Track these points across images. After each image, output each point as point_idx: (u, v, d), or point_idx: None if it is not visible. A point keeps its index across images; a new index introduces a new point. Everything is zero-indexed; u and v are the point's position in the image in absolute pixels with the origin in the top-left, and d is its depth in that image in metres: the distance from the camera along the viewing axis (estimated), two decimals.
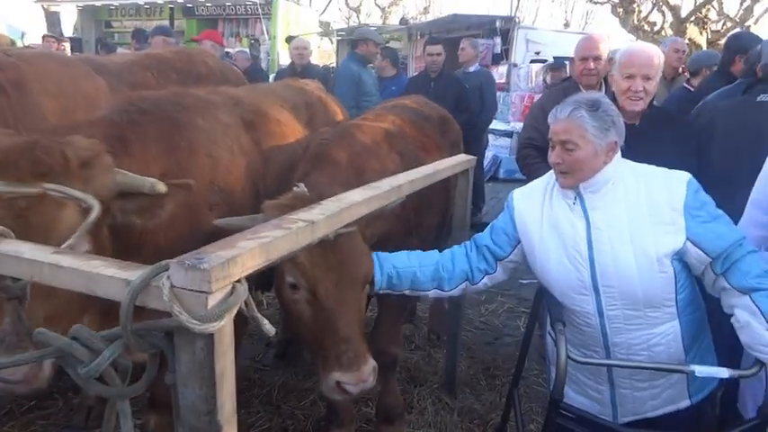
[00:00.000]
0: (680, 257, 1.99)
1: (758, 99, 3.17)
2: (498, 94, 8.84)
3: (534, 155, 3.49)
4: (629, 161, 2.11)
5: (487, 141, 7.94)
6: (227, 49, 8.98)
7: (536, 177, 2.41)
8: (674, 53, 5.78)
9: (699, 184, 2.03)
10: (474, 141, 5.69)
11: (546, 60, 10.29)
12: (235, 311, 1.31)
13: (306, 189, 2.16)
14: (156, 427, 2.58)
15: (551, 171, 2.18)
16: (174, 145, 2.24)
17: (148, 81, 3.34)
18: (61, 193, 1.66)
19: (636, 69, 2.79)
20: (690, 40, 11.10)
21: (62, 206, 1.67)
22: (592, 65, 3.54)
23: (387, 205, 2.29)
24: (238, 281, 1.35)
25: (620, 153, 2.08)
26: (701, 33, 12.36)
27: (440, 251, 2.42)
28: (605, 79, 3.60)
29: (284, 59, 9.55)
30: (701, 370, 1.92)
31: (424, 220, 3.01)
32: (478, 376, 3.77)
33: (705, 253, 1.95)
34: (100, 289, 1.36)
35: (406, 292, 2.35)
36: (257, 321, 1.46)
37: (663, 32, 12.90)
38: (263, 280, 3.61)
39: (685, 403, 2.14)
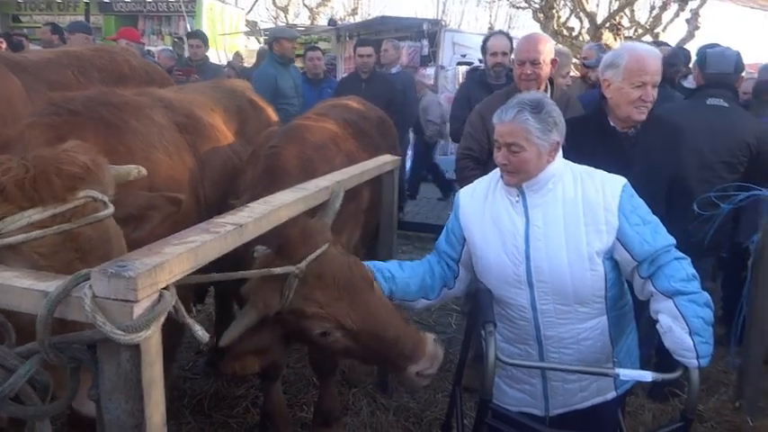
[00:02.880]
0: (610, 256, 2.07)
1: (708, 102, 3.38)
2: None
3: (471, 166, 3.39)
4: (569, 162, 2.16)
5: (409, 140, 8.04)
6: (148, 48, 8.66)
7: None
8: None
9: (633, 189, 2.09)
10: (400, 141, 5.75)
11: (472, 63, 10.51)
12: (162, 320, 1.26)
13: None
14: None
15: (496, 169, 2.21)
16: (111, 148, 2.08)
17: (69, 80, 3.14)
18: (93, 199, 1.55)
19: (649, 77, 2.57)
20: (606, 45, 11.67)
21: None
22: (528, 70, 3.23)
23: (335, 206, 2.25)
24: (166, 288, 1.31)
25: (560, 152, 2.13)
26: (615, 39, 13.02)
27: (369, 252, 2.42)
28: (551, 81, 3.41)
29: (211, 58, 9.32)
30: (626, 373, 1.98)
31: (370, 220, 3.02)
32: None
33: (631, 255, 2.02)
34: (13, 301, 1.28)
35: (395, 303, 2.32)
36: (190, 327, 1.41)
37: (581, 37, 13.51)
38: (200, 292, 3.53)
39: (612, 394, 2.22)
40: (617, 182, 2.08)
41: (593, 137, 2.67)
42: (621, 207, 2.03)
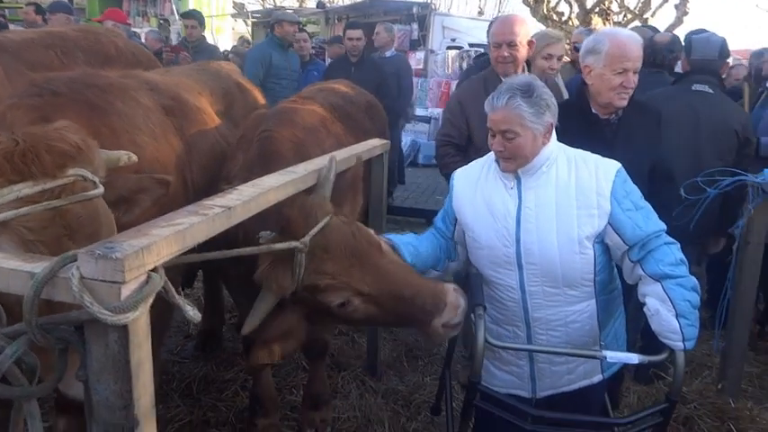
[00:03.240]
0: (601, 240, 2.08)
1: (693, 88, 3.39)
2: (416, 80, 8.94)
3: (452, 153, 3.37)
4: (563, 145, 2.17)
5: (403, 125, 8.02)
6: (134, 29, 8.52)
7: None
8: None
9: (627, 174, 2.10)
10: (391, 126, 5.74)
11: (462, 47, 10.48)
12: (150, 301, 1.26)
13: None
14: (65, 431, 2.45)
15: (490, 153, 2.21)
16: (96, 130, 2.03)
17: (52, 61, 3.06)
18: (83, 178, 1.53)
19: (631, 63, 2.56)
20: (596, 29, 11.66)
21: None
22: (506, 52, 3.21)
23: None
24: (154, 269, 1.30)
25: (554, 134, 2.13)
26: (604, 24, 13.00)
27: None
28: (528, 63, 3.37)
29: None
30: (613, 355, 2.01)
31: (361, 201, 3.04)
32: (401, 358, 3.84)
33: (623, 240, 2.04)
34: (0, 283, 1.27)
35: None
36: (180, 307, 1.40)
37: (570, 22, 13.47)
38: (188, 276, 3.52)
39: (598, 378, 2.26)
40: (611, 166, 2.10)
41: (575, 122, 2.64)
42: (614, 192, 2.04)
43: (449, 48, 11.05)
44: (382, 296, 2.01)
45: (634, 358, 1.98)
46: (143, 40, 7.50)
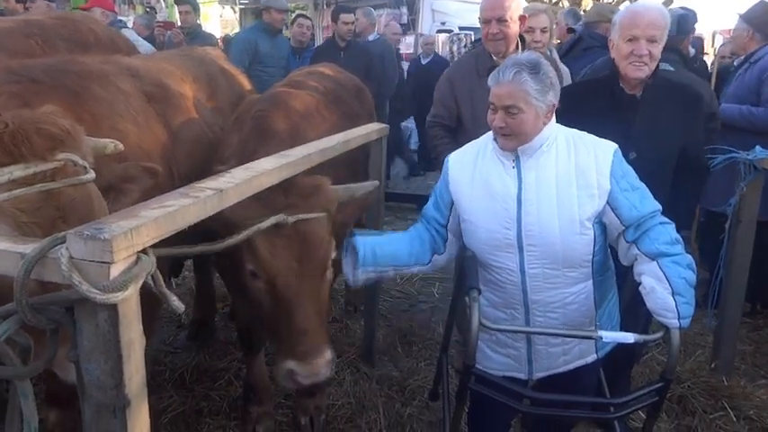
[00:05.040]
0: (599, 220, 2.07)
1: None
2: (405, 64, 8.90)
3: (441, 134, 3.29)
4: (560, 125, 2.14)
5: (387, 111, 8.04)
6: (120, 17, 8.40)
7: (443, 159, 2.37)
8: None
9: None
10: (379, 110, 5.71)
11: (452, 30, 10.43)
12: (141, 282, 1.24)
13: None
14: (55, 423, 2.43)
15: (486, 134, 2.19)
16: (77, 117, 1.98)
17: (33, 50, 3.00)
18: (73, 163, 1.52)
19: (640, 31, 2.49)
20: (584, 11, 11.64)
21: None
22: (495, 28, 3.07)
23: (357, 190, 2.28)
24: (144, 251, 1.28)
25: (555, 116, 2.11)
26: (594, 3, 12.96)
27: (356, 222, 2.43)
28: (522, 39, 3.27)
29: None
30: (608, 335, 1.99)
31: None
32: (395, 344, 3.83)
33: (620, 219, 2.03)
34: None
35: (390, 272, 2.33)
36: (165, 297, 1.40)
37: (560, 4, 13.43)
38: (174, 266, 3.49)
39: (592, 357, 2.25)
40: (608, 146, 2.09)
41: (603, 100, 2.63)
42: (613, 171, 2.03)
43: (438, 31, 10.98)
44: (282, 303, 2.05)
45: (630, 337, 1.95)
46: (131, 26, 7.37)
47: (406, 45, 10.35)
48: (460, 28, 10.37)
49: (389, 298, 4.51)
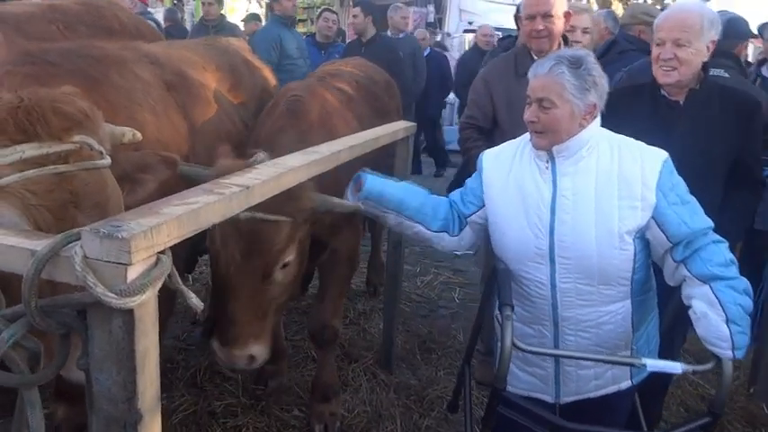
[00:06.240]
0: (642, 235, 1.93)
1: (709, 73, 3.20)
2: None
3: (474, 137, 3.14)
4: (605, 129, 2.01)
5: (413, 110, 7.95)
6: (150, 9, 8.39)
7: (475, 161, 2.26)
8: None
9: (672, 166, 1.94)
10: (405, 109, 5.62)
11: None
12: (159, 285, 1.15)
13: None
14: (64, 418, 2.36)
15: (524, 135, 2.07)
16: (94, 104, 1.95)
17: (54, 35, 2.94)
18: (89, 147, 1.44)
19: (665, 33, 2.38)
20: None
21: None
22: (541, 25, 2.89)
23: (336, 206, 2.24)
24: (162, 251, 1.19)
25: (599, 118, 1.98)
26: (624, 7, 12.75)
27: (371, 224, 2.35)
28: (565, 39, 3.09)
29: None
30: (653, 364, 1.83)
31: None
32: (414, 350, 3.72)
33: (666, 236, 1.88)
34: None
35: (390, 217, 2.25)
36: (183, 295, 1.31)
37: (589, 4, 13.22)
38: (191, 259, 3.45)
39: (627, 384, 2.10)
40: (658, 155, 1.93)
41: (646, 108, 2.48)
42: (660, 183, 1.88)
43: (465, 31, 10.85)
44: (218, 283, 2.22)
45: (677, 368, 1.80)
46: (161, 20, 7.31)
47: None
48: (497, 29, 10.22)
49: (408, 302, 4.39)
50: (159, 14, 8.31)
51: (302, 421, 3.00)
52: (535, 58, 2.95)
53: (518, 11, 4.63)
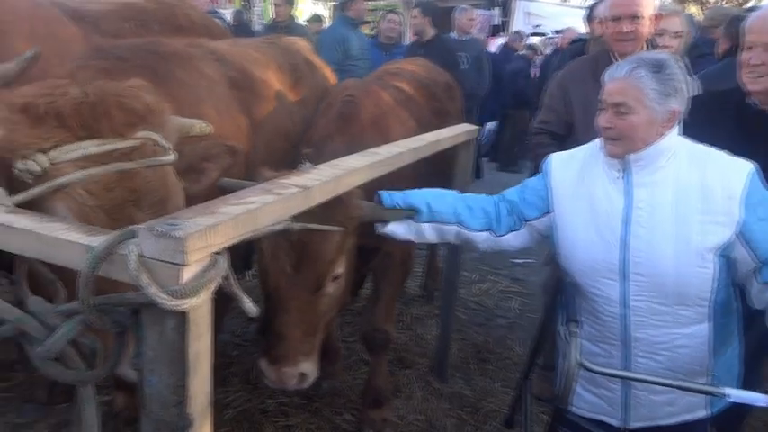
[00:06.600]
0: (725, 253, 1.78)
1: None
2: None
3: (546, 143, 2.97)
4: (685, 138, 1.87)
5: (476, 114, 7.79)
6: (218, 9, 8.61)
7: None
8: None
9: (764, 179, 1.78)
10: (466, 113, 5.51)
11: (545, 34, 10.08)
12: (213, 287, 1.11)
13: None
14: (122, 408, 2.40)
15: (596, 140, 1.96)
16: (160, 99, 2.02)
17: (127, 32, 3.05)
18: (153, 142, 1.45)
19: (755, 36, 2.16)
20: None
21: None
22: (626, 27, 2.71)
23: (385, 215, 2.13)
24: (218, 252, 1.15)
25: (679, 126, 1.85)
26: (700, 13, 12.23)
27: None
28: (651, 44, 2.90)
29: None
30: (737, 395, 1.64)
31: None
32: (469, 360, 3.62)
33: (754, 254, 1.74)
34: (58, 255, 1.16)
35: (425, 225, 2.12)
36: (237, 298, 1.28)
37: None
38: (247, 256, 3.48)
39: (702, 413, 1.94)
40: (743, 167, 1.78)
41: (730, 117, 2.30)
42: (747, 197, 1.73)
43: (532, 34, 10.63)
44: (268, 301, 2.10)
45: (762, 400, 1.61)
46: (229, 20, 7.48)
47: (496, 47, 10.06)
48: (555, 32, 10.00)
49: (465, 309, 4.29)
50: (228, 15, 8.51)
51: (353, 425, 2.96)
52: (617, 60, 2.74)
53: (590, 13, 4.45)
